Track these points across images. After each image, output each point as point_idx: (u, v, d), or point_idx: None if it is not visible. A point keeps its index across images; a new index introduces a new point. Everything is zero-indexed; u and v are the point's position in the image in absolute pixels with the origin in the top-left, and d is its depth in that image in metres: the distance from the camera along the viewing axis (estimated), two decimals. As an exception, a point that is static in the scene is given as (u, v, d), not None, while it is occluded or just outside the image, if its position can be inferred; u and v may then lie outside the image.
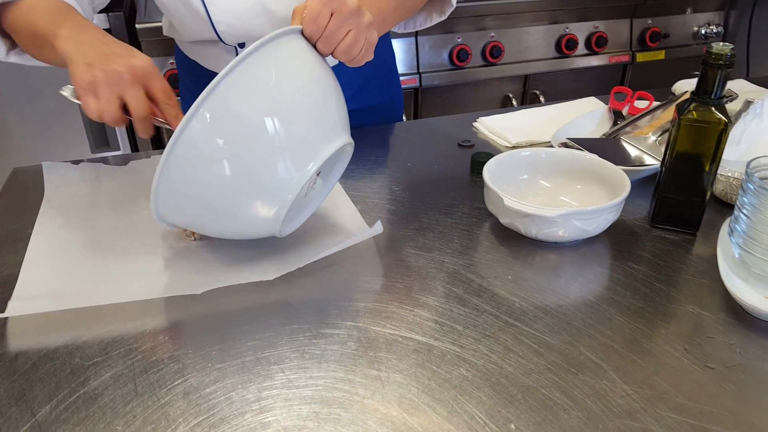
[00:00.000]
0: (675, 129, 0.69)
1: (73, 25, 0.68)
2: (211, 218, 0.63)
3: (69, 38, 0.66)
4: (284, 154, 0.60)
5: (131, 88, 0.62)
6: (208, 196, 0.60)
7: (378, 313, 0.61)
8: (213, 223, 0.64)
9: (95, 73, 0.61)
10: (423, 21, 1.00)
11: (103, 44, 0.64)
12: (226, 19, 0.87)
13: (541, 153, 0.79)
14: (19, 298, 0.63)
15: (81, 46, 0.64)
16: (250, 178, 0.59)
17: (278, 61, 0.60)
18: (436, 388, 0.52)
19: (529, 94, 1.99)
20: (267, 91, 0.59)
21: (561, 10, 1.90)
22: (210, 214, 0.62)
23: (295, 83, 0.61)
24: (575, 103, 1.09)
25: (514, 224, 0.70)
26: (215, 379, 0.53)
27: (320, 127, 0.62)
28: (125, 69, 0.61)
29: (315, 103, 0.62)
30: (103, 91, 0.61)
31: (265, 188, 0.61)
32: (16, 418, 0.49)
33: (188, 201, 0.61)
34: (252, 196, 0.61)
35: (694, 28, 2.08)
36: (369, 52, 0.70)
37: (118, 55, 0.63)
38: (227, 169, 0.58)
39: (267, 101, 0.59)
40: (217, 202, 0.60)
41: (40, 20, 0.71)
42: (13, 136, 1.63)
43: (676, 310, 0.62)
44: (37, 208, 0.80)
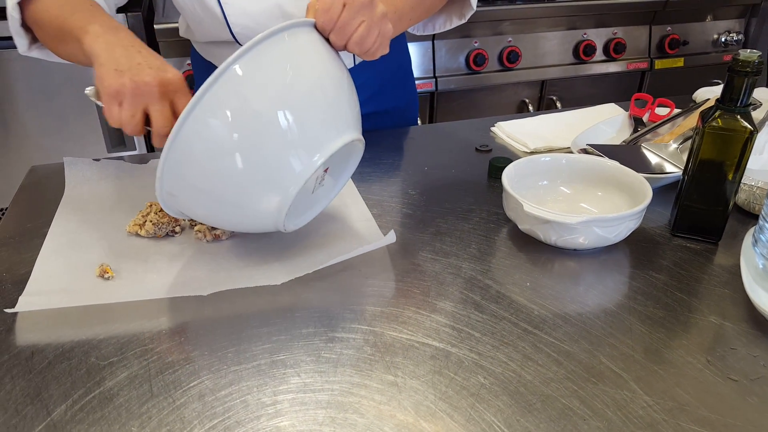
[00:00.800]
0: (699, 137, 0.68)
1: (104, 24, 0.66)
2: (214, 207, 0.62)
3: (99, 37, 0.64)
4: (290, 144, 0.59)
5: (158, 103, 0.60)
6: (211, 183, 0.59)
7: (394, 317, 0.61)
8: (217, 213, 0.63)
9: (124, 82, 0.59)
10: (442, 24, 1.00)
11: (135, 51, 0.63)
12: (242, 20, 0.87)
13: (561, 159, 0.78)
14: (30, 294, 0.64)
15: (112, 48, 0.63)
16: (254, 166, 0.58)
17: (289, 50, 0.59)
18: (453, 395, 0.51)
19: (545, 99, 1.98)
20: (277, 79, 0.58)
21: (579, 16, 1.89)
22: (213, 202, 0.61)
23: (306, 74, 0.60)
24: (594, 109, 1.08)
25: (533, 230, 0.69)
26: (230, 382, 0.53)
27: (329, 121, 0.61)
28: (155, 81, 0.60)
29: (325, 95, 0.61)
30: (128, 101, 0.60)
31: (269, 178, 0.59)
32: (31, 417, 0.49)
33: (192, 188, 0.60)
34: (255, 186, 0.60)
35: (714, 36, 2.06)
36: (384, 44, 0.68)
37: (150, 66, 0.61)
38: (231, 155, 0.57)
39: (276, 89, 0.58)
40: (220, 189, 0.59)
41: (68, 15, 0.69)
42: (31, 133, 1.64)
43: (698, 320, 0.61)
44: (55, 205, 0.80)
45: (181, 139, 0.57)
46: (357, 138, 0.65)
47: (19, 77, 1.57)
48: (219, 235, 0.74)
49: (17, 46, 0.81)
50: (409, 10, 0.82)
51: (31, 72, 1.57)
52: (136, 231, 0.74)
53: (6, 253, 0.71)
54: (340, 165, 0.70)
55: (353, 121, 0.65)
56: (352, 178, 0.88)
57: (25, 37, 0.80)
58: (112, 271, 0.67)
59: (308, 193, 0.66)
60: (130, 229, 0.74)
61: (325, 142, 0.61)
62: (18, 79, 1.57)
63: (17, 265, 0.68)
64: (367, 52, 0.67)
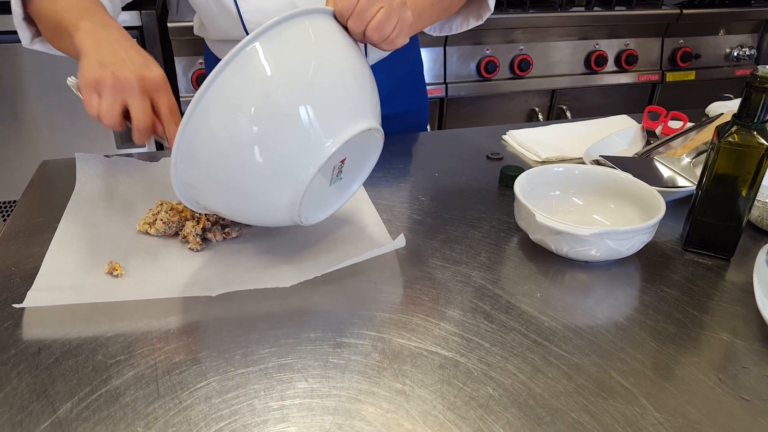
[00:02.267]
0: (714, 152, 0.67)
1: (95, 21, 0.67)
2: (227, 194, 0.61)
3: (88, 33, 0.65)
4: (303, 128, 0.57)
5: (137, 98, 0.61)
6: (224, 168, 0.58)
7: (403, 324, 0.60)
8: (231, 200, 0.62)
9: (104, 74, 0.60)
10: (459, 25, 1.00)
11: (121, 48, 0.64)
12: (257, 17, 0.87)
13: (574, 169, 0.78)
14: (38, 289, 0.63)
15: (99, 44, 0.64)
16: (267, 149, 0.57)
17: (308, 33, 0.59)
18: (461, 406, 0.51)
19: (555, 108, 1.97)
20: (294, 62, 0.57)
21: (592, 26, 1.89)
22: (225, 189, 0.60)
23: (323, 58, 0.59)
24: (607, 120, 1.08)
25: (545, 241, 0.69)
26: (238, 384, 0.52)
27: (344, 107, 0.60)
28: (135, 77, 0.61)
29: (342, 80, 0.60)
30: (107, 93, 0.61)
31: (281, 163, 0.58)
32: (37, 414, 0.49)
33: (204, 174, 0.59)
34: (267, 170, 0.58)
35: (726, 50, 2.05)
36: (403, 32, 0.67)
37: (133, 62, 0.62)
38: (244, 138, 0.56)
39: (292, 72, 0.57)
40: (233, 174, 0.58)
41: (64, 10, 0.70)
42: (41, 127, 1.64)
43: (709, 337, 0.60)
44: (65, 201, 0.80)
45: (194, 121, 0.56)
46: (373, 127, 0.62)
47: (30, 71, 1.58)
48: (229, 233, 0.74)
49: (21, 38, 0.82)
50: (429, 8, 0.81)
51: (41, 66, 1.57)
52: (146, 229, 0.74)
53: (15, 247, 0.71)
54: (359, 158, 0.67)
55: (370, 110, 0.63)
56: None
57: (28, 30, 0.81)
58: (121, 269, 0.67)
59: (325, 186, 0.64)
60: (141, 227, 0.74)
61: (339, 129, 0.59)
62: (28, 74, 1.57)
63: (26, 260, 0.68)
64: (386, 40, 0.66)
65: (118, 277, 0.66)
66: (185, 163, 0.59)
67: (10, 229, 0.75)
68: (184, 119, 0.56)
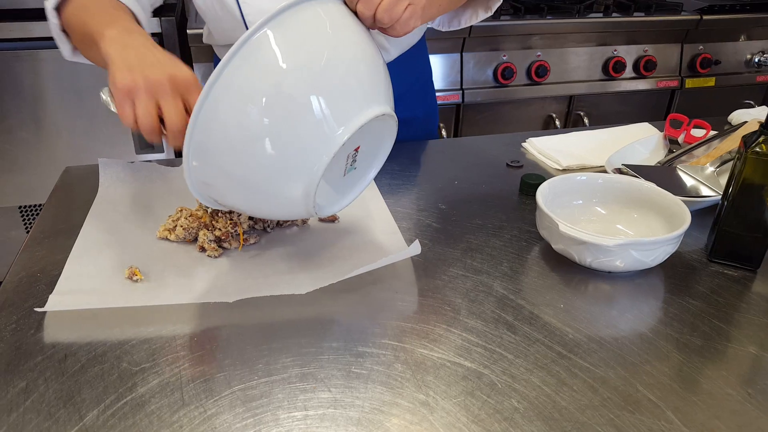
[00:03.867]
0: (741, 161, 0.67)
1: (120, 28, 0.67)
2: (244, 191, 0.60)
3: (114, 40, 0.64)
4: (315, 116, 0.56)
5: (170, 99, 0.60)
6: (235, 159, 0.57)
7: (424, 334, 0.60)
8: (248, 197, 0.61)
9: (135, 78, 0.59)
10: (468, 18, 0.98)
11: (147, 51, 0.63)
12: (259, 18, 0.87)
13: (597, 178, 0.77)
14: (60, 293, 0.64)
15: (125, 49, 0.63)
16: (278, 140, 0.56)
17: (316, 19, 0.57)
18: (486, 418, 0.50)
19: (572, 115, 1.96)
20: (304, 47, 0.56)
21: (610, 32, 1.88)
22: (239, 182, 0.59)
23: (333, 43, 0.58)
24: (628, 128, 1.07)
25: (568, 251, 0.68)
26: (261, 394, 0.52)
27: (357, 93, 0.58)
28: (167, 78, 0.60)
29: (354, 67, 0.58)
30: (141, 97, 0.59)
31: (294, 153, 0.57)
32: (64, 421, 0.49)
33: (216, 167, 0.58)
34: (280, 163, 0.57)
35: (747, 56, 2.03)
36: (416, 13, 0.65)
37: (162, 63, 0.61)
38: (256, 127, 0.55)
39: (302, 60, 0.56)
40: (245, 165, 0.57)
41: (90, 19, 0.70)
42: (62, 133, 1.66)
43: (736, 350, 0.59)
44: (89, 207, 0.81)
45: (204, 114, 0.55)
46: (386, 112, 0.60)
47: (51, 78, 1.60)
48: (247, 239, 0.74)
49: (62, 51, 0.82)
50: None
51: (62, 73, 1.59)
52: (166, 236, 0.74)
53: (40, 253, 0.71)
54: (373, 146, 0.66)
55: (383, 96, 0.61)
56: (379, 189, 0.87)
57: (67, 42, 0.81)
58: (141, 274, 0.67)
59: (340, 176, 0.63)
60: (161, 233, 0.75)
61: (351, 116, 0.57)
62: (49, 80, 1.60)
63: (51, 266, 0.69)
64: (397, 21, 0.63)
65: (138, 282, 0.67)
66: (198, 160, 0.58)
67: (35, 235, 0.75)
68: (193, 113, 0.55)
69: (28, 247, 0.73)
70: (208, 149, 0.57)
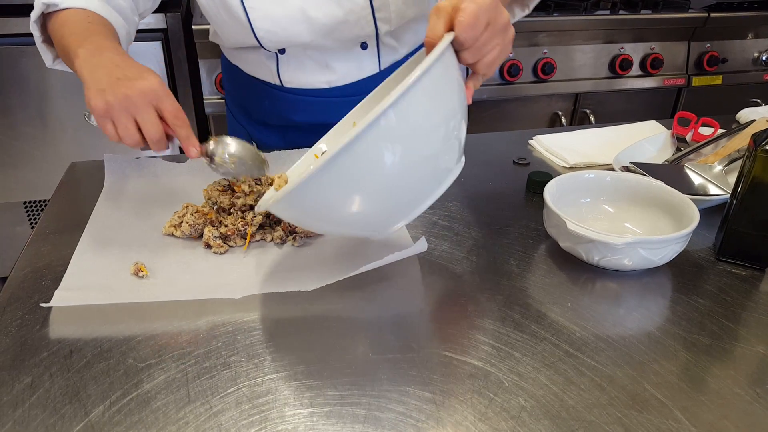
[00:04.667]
0: (751, 160, 0.66)
1: (91, 47, 0.69)
2: (328, 224, 0.62)
3: (85, 61, 0.67)
4: (432, 167, 0.59)
5: (143, 112, 0.63)
6: (336, 215, 0.59)
7: (432, 333, 0.60)
8: (326, 227, 0.64)
9: (108, 99, 0.62)
10: None
11: (115, 67, 0.65)
12: (266, 24, 0.87)
13: (605, 176, 0.77)
14: (66, 289, 0.64)
15: (94, 70, 0.66)
16: (400, 189, 0.58)
17: (439, 74, 0.57)
18: (493, 416, 0.50)
19: (579, 112, 1.96)
20: (437, 100, 0.57)
21: (617, 30, 1.87)
22: (333, 220, 0.60)
23: (451, 94, 0.59)
24: (636, 126, 1.06)
25: (576, 249, 0.68)
26: (268, 390, 0.52)
27: (459, 143, 0.61)
28: (136, 93, 0.63)
29: (458, 125, 0.60)
30: (118, 116, 0.63)
31: (403, 203, 0.60)
32: (69, 417, 0.49)
33: (320, 206, 0.58)
34: (391, 209, 0.60)
35: (755, 54, 2.02)
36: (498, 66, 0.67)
37: (128, 78, 0.64)
38: (379, 182, 0.56)
39: (436, 110, 0.56)
40: (341, 222, 0.60)
41: (68, 36, 0.72)
42: (67, 129, 1.66)
43: (745, 350, 0.59)
44: (94, 202, 0.81)
45: (340, 162, 0.53)
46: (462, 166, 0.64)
47: (57, 74, 1.59)
48: (253, 235, 0.74)
49: (44, 59, 0.84)
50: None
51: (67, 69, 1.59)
52: (171, 232, 0.74)
53: (46, 249, 0.71)
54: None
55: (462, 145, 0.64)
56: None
57: (49, 52, 0.83)
58: (146, 270, 0.67)
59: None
60: (166, 230, 0.74)
61: (452, 165, 0.61)
62: (54, 75, 1.60)
63: (57, 262, 0.69)
64: (486, 75, 0.65)
65: (143, 278, 0.67)
66: (292, 206, 0.58)
67: (40, 231, 0.75)
68: (324, 162, 0.53)
69: (33, 242, 0.73)
70: (309, 203, 0.57)
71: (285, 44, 0.91)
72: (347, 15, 0.88)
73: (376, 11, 0.89)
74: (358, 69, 0.97)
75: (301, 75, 0.97)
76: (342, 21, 0.89)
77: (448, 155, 0.60)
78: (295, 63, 0.96)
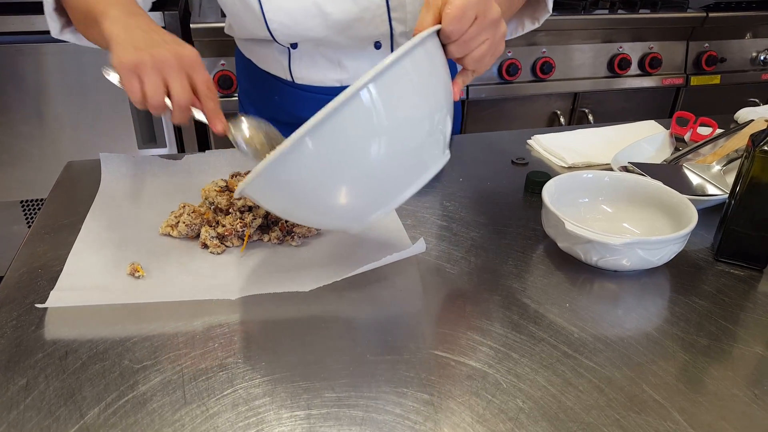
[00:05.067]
0: (749, 160, 0.66)
1: (123, 8, 0.67)
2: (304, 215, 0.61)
3: (117, 20, 0.65)
4: (413, 156, 0.58)
5: (177, 75, 0.61)
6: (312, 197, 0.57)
7: (429, 334, 0.60)
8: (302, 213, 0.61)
9: (141, 56, 0.61)
10: (514, 29, 0.97)
11: (151, 31, 0.65)
12: (279, 17, 0.87)
13: (603, 176, 0.76)
14: (61, 289, 0.63)
15: (129, 29, 0.64)
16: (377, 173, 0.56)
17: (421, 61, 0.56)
18: (491, 418, 0.50)
19: (577, 112, 1.95)
20: (419, 85, 0.56)
21: (615, 29, 1.86)
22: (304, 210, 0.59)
23: (436, 84, 0.58)
24: (634, 126, 1.06)
25: (574, 249, 0.67)
26: (265, 392, 0.52)
27: (445, 135, 0.60)
28: (173, 55, 0.61)
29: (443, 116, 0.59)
30: (149, 73, 0.61)
31: (381, 191, 0.58)
32: (65, 419, 0.49)
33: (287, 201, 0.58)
34: (368, 194, 0.58)
35: (753, 54, 2.02)
36: (493, 62, 0.66)
37: (166, 42, 0.63)
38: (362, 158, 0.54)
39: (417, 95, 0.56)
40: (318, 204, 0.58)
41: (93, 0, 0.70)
42: (65, 127, 1.66)
43: (743, 351, 0.59)
44: (91, 202, 0.80)
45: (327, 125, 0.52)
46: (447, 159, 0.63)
47: (54, 72, 1.59)
48: (251, 236, 0.73)
49: (50, 29, 0.83)
50: (507, 9, 0.80)
51: (65, 67, 1.58)
52: (168, 232, 0.74)
53: (42, 248, 0.71)
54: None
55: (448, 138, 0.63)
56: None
57: (58, 20, 0.82)
58: (143, 270, 0.67)
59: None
60: (163, 230, 0.74)
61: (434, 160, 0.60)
62: (52, 73, 1.59)
63: (52, 262, 0.68)
64: (476, 71, 0.64)
65: (139, 278, 0.66)
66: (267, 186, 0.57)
67: (36, 230, 0.75)
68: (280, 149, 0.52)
69: (29, 242, 0.72)
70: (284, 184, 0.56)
71: (298, 38, 0.91)
72: (362, 12, 0.88)
73: (392, 11, 0.89)
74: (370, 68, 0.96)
75: (312, 72, 0.97)
76: (357, 18, 0.88)
77: (431, 146, 0.59)
78: (308, 59, 0.95)
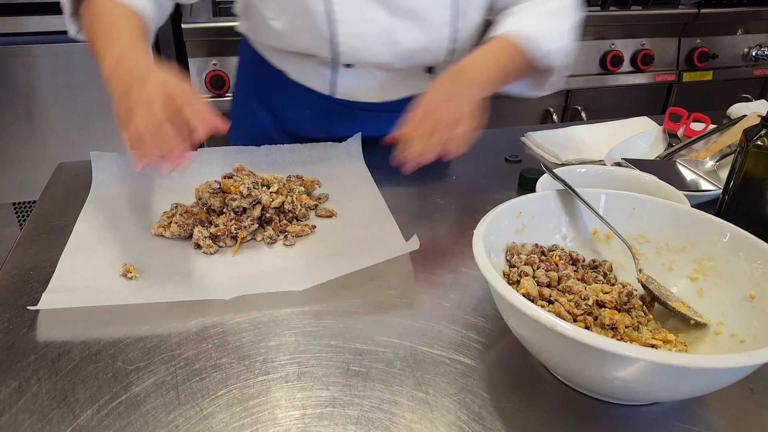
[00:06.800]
0: (742, 155, 0.66)
1: (114, 57, 0.68)
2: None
3: (110, 75, 0.67)
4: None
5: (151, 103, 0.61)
6: None
7: (424, 331, 0.59)
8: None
9: (137, 125, 0.61)
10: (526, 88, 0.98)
11: (134, 80, 0.64)
12: (350, 41, 0.86)
13: (597, 170, 0.76)
14: (53, 291, 0.63)
15: (115, 84, 0.65)
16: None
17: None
18: (486, 416, 0.50)
19: (570, 109, 1.96)
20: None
21: (607, 26, 1.87)
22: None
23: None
24: (627, 122, 1.06)
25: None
26: (258, 392, 0.51)
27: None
28: (144, 93, 0.62)
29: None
30: (147, 143, 0.61)
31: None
32: (57, 421, 0.48)
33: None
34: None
35: (745, 50, 2.02)
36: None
37: (137, 80, 0.63)
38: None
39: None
40: None
41: (97, 36, 0.73)
42: (56, 129, 1.65)
43: (738, 346, 0.59)
44: (82, 203, 0.80)
45: None
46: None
47: (45, 73, 1.58)
48: (244, 236, 0.73)
49: (68, 29, 0.85)
50: (503, 77, 0.88)
51: (56, 68, 1.57)
52: (161, 232, 0.73)
53: (33, 250, 0.70)
54: None
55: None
56: (377, 184, 0.86)
57: (74, 24, 0.84)
58: (135, 271, 0.66)
59: None
60: (155, 230, 0.74)
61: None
62: (43, 75, 1.58)
63: (44, 263, 0.68)
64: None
65: (132, 279, 0.66)
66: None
67: (27, 232, 0.74)
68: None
69: (20, 244, 0.72)
70: None
71: (360, 61, 0.90)
72: (430, 44, 0.88)
73: (453, 42, 0.90)
74: (414, 88, 0.96)
75: (357, 89, 0.95)
76: (423, 48, 0.89)
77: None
78: (356, 77, 0.94)
